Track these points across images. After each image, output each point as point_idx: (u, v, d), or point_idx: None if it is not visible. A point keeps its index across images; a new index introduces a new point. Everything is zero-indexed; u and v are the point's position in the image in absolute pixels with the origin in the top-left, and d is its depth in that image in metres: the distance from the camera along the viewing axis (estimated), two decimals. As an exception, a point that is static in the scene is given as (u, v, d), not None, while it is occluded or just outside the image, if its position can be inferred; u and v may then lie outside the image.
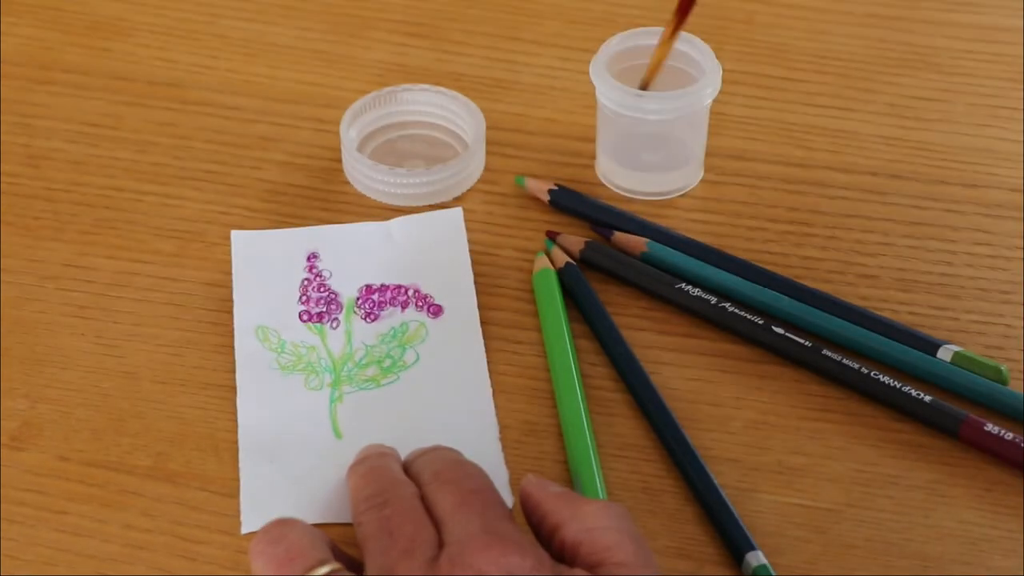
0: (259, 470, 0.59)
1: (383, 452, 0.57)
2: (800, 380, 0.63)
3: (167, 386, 0.62)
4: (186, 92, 0.76)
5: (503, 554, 0.49)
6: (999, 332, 0.64)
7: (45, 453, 0.60)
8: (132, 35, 0.80)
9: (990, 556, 0.57)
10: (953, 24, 0.81)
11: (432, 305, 0.65)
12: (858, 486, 0.59)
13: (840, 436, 0.61)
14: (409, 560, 0.50)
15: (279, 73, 0.78)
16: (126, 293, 0.66)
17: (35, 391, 0.62)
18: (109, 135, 0.74)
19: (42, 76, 0.77)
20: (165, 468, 0.59)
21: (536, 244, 0.68)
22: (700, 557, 0.57)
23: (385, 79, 0.77)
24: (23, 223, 0.69)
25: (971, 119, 0.75)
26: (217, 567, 0.56)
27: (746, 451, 0.60)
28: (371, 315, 0.65)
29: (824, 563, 0.56)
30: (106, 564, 0.56)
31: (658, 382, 0.62)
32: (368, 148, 0.73)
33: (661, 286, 0.66)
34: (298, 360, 0.63)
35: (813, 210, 0.70)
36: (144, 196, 0.71)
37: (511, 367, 0.63)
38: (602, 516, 0.52)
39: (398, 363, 0.63)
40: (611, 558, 0.50)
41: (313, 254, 0.67)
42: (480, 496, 0.53)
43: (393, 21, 0.81)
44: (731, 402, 0.62)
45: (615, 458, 0.60)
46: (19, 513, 0.58)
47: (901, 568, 0.56)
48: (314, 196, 0.71)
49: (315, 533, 0.52)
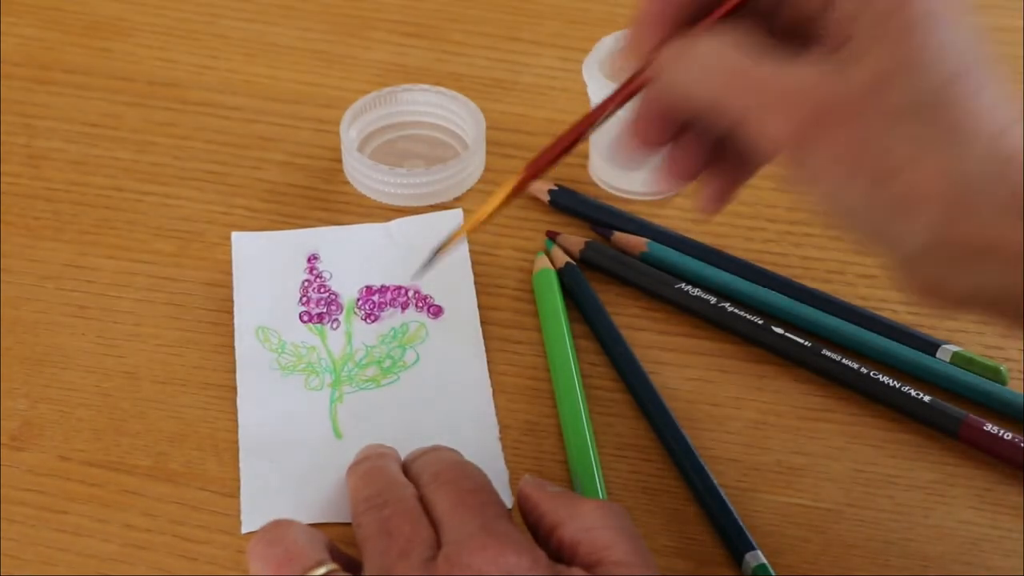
0: (259, 470, 0.59)
1: (383, 452, 0.57)
2: (800, 380, 0.63)
3: (167, 386, 0.62)
4: (186, 92, 0.76)
5: (500, 554, 0.49)
6: (999, 332, 0.64)
7: (45, 453, 0.60)
8: (132, 35, 0.80)
9: (990, 556, 0.57)
10: (953, 24, 0.81)
11: (432, 306, 0.65)
12: (858, 486, 0.59)
13: (840, 436, 0.61)
14: (406, 560, 0.50)
15: (279, 73, 0.78)
16: (126, 293, 0.66)
17: (35, 391, 0.62)
18: (109, 135, 0.74)
19: (42, 76, 0.77)
20: (165, 468, 0.59)
21: (536, 244, 0.68)
22: (700, 557, 0.57)
23: (385, 79, 0.77)
24: (23, 223, 0.69)
25: (971, 119, 0.75)
26: (217, 567, 0.56)
27: (746, 451, 0.60)
28: (371, 316, 0.65)
29: (824, 563, 0.56)
30: (106, 564, 0.56)
31: (658, 382, 0.62)
32: (368, 148, 0.73)
33: (661, 286, 0.66)
34: (298, 360, 0.63)
35: (813, 210, 0.70)
36: (144, 196, 0.71)
37: (511, 367, 0.63)
38: (600, 515, 0.52)
39: (398, 363, 0.63)
40: (609, 557, 0.50)
41: (313, 255, 0.67)
42: (478, 496, 0.53)
43: (393, 21, 0.81)
44: (731, 402, 0.62)
45: (615, 458, 0.60)
46: (19, 513, 0.58)
47: (901, 568, 0.56)
48: (314, 196, 0.71)
49: (313, 534, 0.53)
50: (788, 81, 0.47)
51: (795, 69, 0.48)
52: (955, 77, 0.46)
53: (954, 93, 0.46)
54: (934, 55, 0.46)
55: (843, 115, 0.46)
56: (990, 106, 0.46)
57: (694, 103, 0.50)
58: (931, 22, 0.47)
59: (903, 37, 0.46)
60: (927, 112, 0.46)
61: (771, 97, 0.48)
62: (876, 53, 0.46)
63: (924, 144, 0.46)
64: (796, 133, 0.47)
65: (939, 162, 0.46)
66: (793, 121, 0.47)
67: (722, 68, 0.49)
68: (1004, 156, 0.46)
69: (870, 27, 0.47)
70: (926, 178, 0.45)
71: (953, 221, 0.45)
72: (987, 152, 0.46)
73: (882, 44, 0.47)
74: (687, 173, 0.53)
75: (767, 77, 0.48)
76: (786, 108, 0.47)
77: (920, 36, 0.46)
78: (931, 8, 0.47)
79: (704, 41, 0.50)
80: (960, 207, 0.45)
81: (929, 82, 0.46)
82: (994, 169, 0.45)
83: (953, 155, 0.45)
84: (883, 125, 0.46)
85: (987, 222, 0.45)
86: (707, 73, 0.49)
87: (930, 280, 0.47)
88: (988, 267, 0.46)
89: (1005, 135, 0.46)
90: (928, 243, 0.46)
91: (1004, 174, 0.45)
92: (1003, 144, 0.46)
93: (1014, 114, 0.47)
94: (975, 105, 0.46)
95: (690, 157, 0.53)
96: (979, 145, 0.46)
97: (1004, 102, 0.47)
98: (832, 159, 0.47)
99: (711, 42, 0.50)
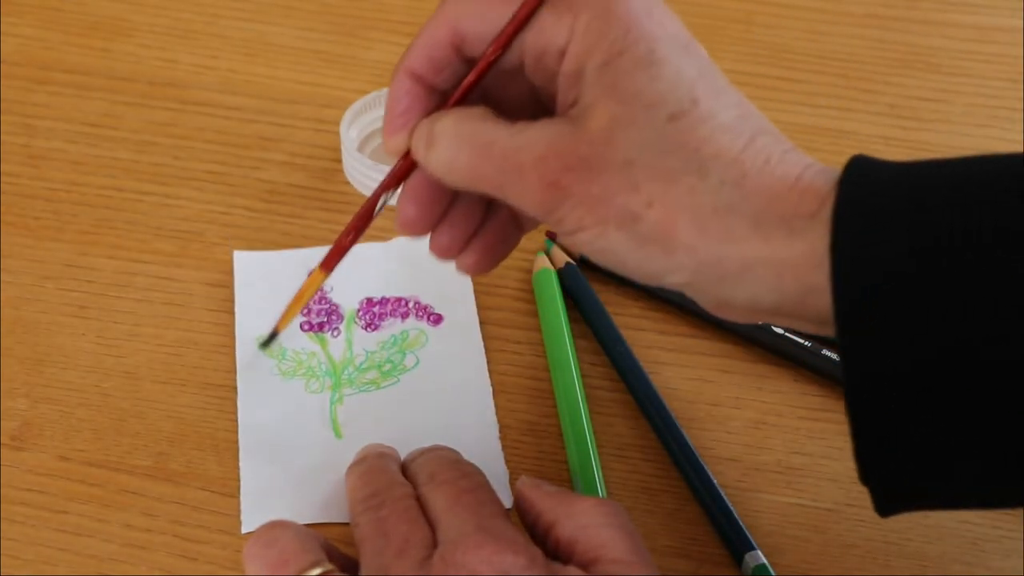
0: (259, 470, 0.59)
1: (382, 452, 0.57)
2: (800, 380, 0.63)
3: (167, 386, 0.62)
4: (186, 92, 0.76)
5: (496, 552, 0.49)
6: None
7: (45, 453, 0.60)
8: (132, 35, 0.80)
9: (990, 556, 0.57)
10: (952, 24, 0.81)
11: (432, 314, 0.65)
12: (858, 486, 0.59)
13: (840, 436, 0.61)
14: (403, 560, 0.50)
15: (279, 73, 0.78)
16: (126, 293, 0.66)
17: (35, 391, 0.62)
18: (109, 135, 0.74)
19: (42, 76, 0.77)
20: (165, 468, 0.59)
21: (536, 244, 0.68)
22: (700, 557, 0.57)
23: (385, 79, 0.76)
24: (23, 223, 0.69)
25: (970, 119, 0.75)
26: (217, 567, 0.56)
27: (746, 451, 0.60)
28: (372, 325, 0.65)
29: (823, 563, 0.56)
30: (106, 564, 0.56)
31: (658, 382, 0.62)
32: (368, 148, 0.73)
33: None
34: (299, 366, 0.63)
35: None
36: (144, 196, 0.71)
37: (511, 367, 0.63)
38: (597, 513, 0.51)
39: (398, 367, 0.63)
40: (606, 555, 0.50)
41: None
42: (474, 495, 0.53)
43: (393, 21, 0.81)
44: (731, 402, 0.62)
45: (615, 458, 0.60)
46: (19, 513, 0.58)
47: (901, 568, 0.56)
48: (314, 196, 0.71)
49: (308, 535, 0.52)
50: (529, 148, 0.49)
51: (534, 134, 0.49)
52: (681, 112, 0.48)
53: (682, 127, 0.47)
54: (655, 96, 0.48)
55: (583, 170, 0.48)
56: (726, 128, 0.48)
57: (452, 181, 0.51)
58: (647, 65, 0.48)
59: (623, 85, 0.48)
60: (659, 151, 0.47)
61: (517, 166, 0.49)
62: (601, 105, 0.48)
63: (662, 181, 0.47)
64: (546, 195, 0.49)
65: (679, 195, 0.47)
66: (541, 185, 0.49)
67: (470, 143, 0.50)
68: (746, 173, 0.47)
69: (592, 82, 0.48)
70: (670, 212, 0.47)
71: (706, 247, 0.47)
72: (727, 174, 0.47)
73: (606, 96, 0.48)
74: (457, 244, 0.55)
75: (510, 147, 0.49)
76: (532, 174, 0.49)
77: (638, 81, 0.48)
78: (646, 53, 0.48)
79: (448, 119, 0.51)
80: (709, 232, 0.47)
81: (654, 122, 0.47)
82: (736, 188, 0.47)
83: (692, 185, 0.47)
84: (620, 172, 0.48)
85: (739, 241, 0.46)
86: (456, 150, 0.51)
87: (713, 299, 0.49)
88: (754, 283, 0.47)
89: (745, 152, 0.47)
90: (690, 270, 0.48)
91: (748, 191, 0.47)
92: (743, 161, 0.47)
93: (754, 129, 0.48)
94: (707, 132, 0.47)
95: (460, 228, 0.54)
96: (718, 169, 0.47)
97: (743, 121, 0.48)
98: (583, 212, 0.48)
99: (455, 119, 0.51)
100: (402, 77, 0.52)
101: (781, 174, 0.47)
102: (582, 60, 0.49)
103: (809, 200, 0.46)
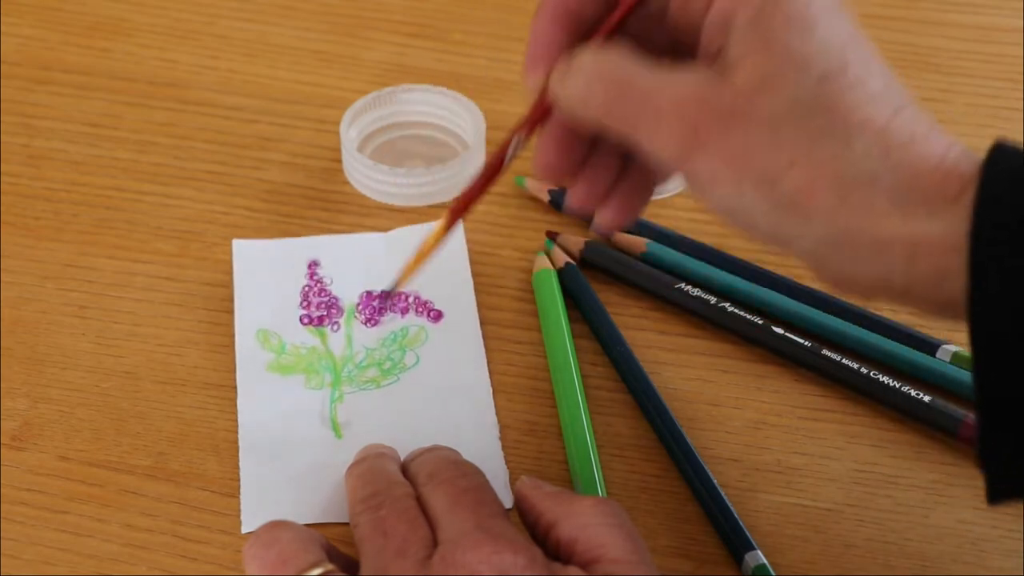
0: (259, 470, 0.59)
1: (381, 452, 0.57)
2: (800, 380, 0.63)
3: (167, 386, 0.62)
4: (186, 92, 0.76)
5: (495, 552, 0.49)
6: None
7: (45, 453, 0.60)
8: (132, 35, 0.80)
9: (990, 556, 0.57)
10: (953, 24, 0.81)
11: (432, 310, 0.65)
12: (857, 486, 0.59)
13: (839, 436, 0.61)
14: (403, 560, 0.50)
15: (279, 73, 0.78)
16: (126, 293, 0.66)
17: (35, 391, 0.62)
18: (109, 135, 0.74)
19: (42, 76, 0.77)
20: (165, 468, 0.59)
21: (536, 244, 0.68)
22: (700, 557, 0.57)
23: (385, 79, 0.77)
24: (23, 223, 0.69)
25: (971, 119, 0.75)
26: (217, 567, 0.56)
27: (746, 451, 0.60)
28: (371, 320, 0.65)
29: (823, 563, 0.56)
30: (106, 564, 0.56)
31: (658, 382, 0.62)
32: (368, 148, 0.73)
33: (661, 286, 0.66)
34: (298, 360, 0.63)
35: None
36: (144, 196, 0.71)
37: (511, 367, 0.63)
38: (596, 513, 0.51)
39: (398, 365, 0.63)
40: (606, 555, 0.50)
41: (314, 262, 0.67)
42: (474, 495, 0.53)
43: (393, 21, 0.81)
44: (731, 402, 0.62)
45: (615, 458, 0.60)
46: (19, 513, 0.58)
47: (901, 568, 0.56)
48: (314, 196, 0.71)
49: (308, 535, 0.52)
50: (671, 91, 0.48)
51: (677, 79, 0.48)
52: (831, 74, 0.46)
53: (832, 90, 0.46)
54: (807, 56, 0.47)
55: (725, 122, 0.47)
56: (874, 98, 0.47)
57: (585, 116, 0.50)
58: (800, 24, 0.47)
59: (774, 41, 0.47)
60: (807, 111, 0.46)
61: (656, 108, 0.48)
62: (751, 60, 0.47)
63: (807, 144, 0.46)
64: (683, 142, 0.48)
65: (824, 160, 0.46)
66: (679, 130, 0.48)
67: (608, 79, 0.49)
68: (890, 146, 0.46)
69: (742, 35, 0.47)
70: (812, 177, 0.46)
71: (844, 217, 0.46)
72: (873, 145, 0.46)
73: (755, 50, 0.47)
74: (594, 197, 0.54)
75: (650, 88, 0.48)
76: (671, 118, 0.48)
77: (791, 38, 0.47)
78: (799, 10, 0.47)
79: (588, 54, 0.50)
80: (850, 202, 0.46)
81: (805, 82, 0.46)
82: (881, 161, 0.46)
83: (837, 151, 0.46)
84: (765, 129, 0.47)
85: (879, 216, 0.45)
86: (593, 85, 0.50)
87: (836, 273, 0.47)
88: (887, 260, 0.46)
89: (891, 124, 0.46)
90: (823, 240, 0.46)
91: (891, 165, 0.46)
92: (889, 134, 0.46)
93: (900, 102, 0.47)
94: (856, 99, 0.46)
95: (598, 180, 0.54)
96: (864, 138, 0.46)
97: (889, 92, 0.47)
98: (720, 165, 0.47)
99: (595, 54, 0.50)
100: (545, 13, 0.52)
101: (926, 152, 0.46)
102: (731, 11, 0.48)
103: (952, 183, 0.45)
